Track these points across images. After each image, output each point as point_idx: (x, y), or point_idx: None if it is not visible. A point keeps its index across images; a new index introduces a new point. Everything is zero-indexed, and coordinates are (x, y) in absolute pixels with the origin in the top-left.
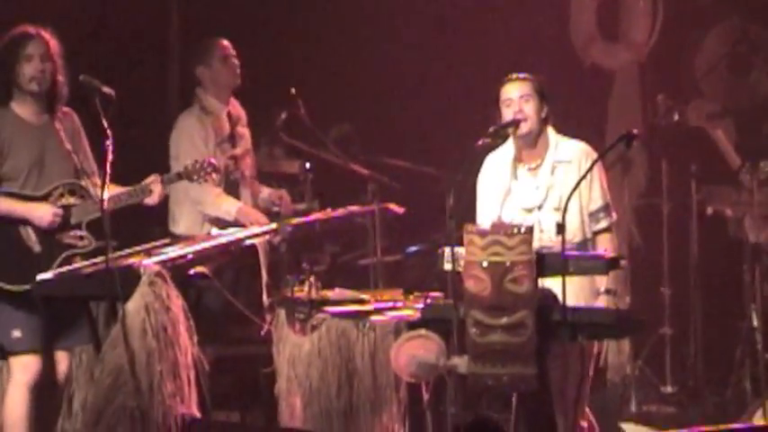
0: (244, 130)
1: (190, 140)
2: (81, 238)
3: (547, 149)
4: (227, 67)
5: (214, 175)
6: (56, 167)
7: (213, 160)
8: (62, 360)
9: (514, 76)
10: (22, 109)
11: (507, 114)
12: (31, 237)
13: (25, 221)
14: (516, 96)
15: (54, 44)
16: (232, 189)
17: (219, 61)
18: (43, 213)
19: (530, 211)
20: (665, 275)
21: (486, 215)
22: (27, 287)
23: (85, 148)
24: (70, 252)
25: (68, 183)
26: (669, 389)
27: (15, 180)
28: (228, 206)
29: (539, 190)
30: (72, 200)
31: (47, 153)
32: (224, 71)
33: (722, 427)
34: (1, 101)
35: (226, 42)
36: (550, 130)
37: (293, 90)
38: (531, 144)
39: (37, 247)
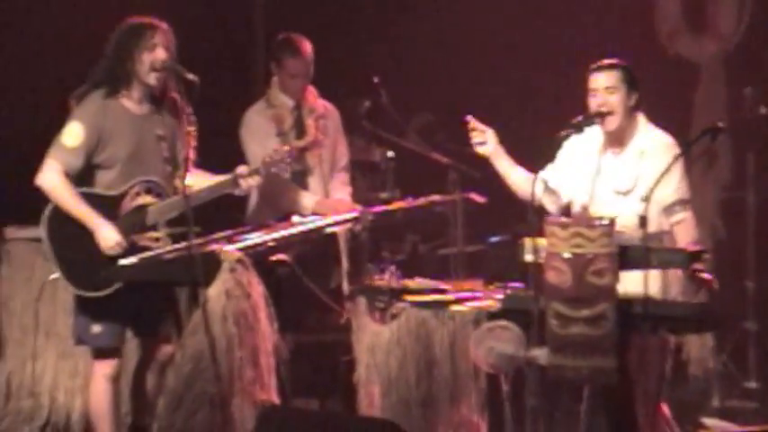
0: (315, 123)
1: (251, 135)
2: (156, 239)
3: (633, 135)
4: (292, 84)
5: (293, 165)
6: (152, 159)
7: (289, 149)
8: (157, 346)
9: (603, 63)
10: (129, 99)
11: (593, 104)
12: None
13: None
14: (602, 87)
15: (172, 36)
16: (297, 181)
17: (286, 75)
18: (107, 237)
19: (623, 194)
20: (750, 269)
21: (575, 189)
22: (103, 293)
23: (183, 139)
24: (145, 255)
25: (145, 180)
26: (753, 384)
27: (111, 168)
28: (306, 201)
29: (628, 175)
30: (149, 198)
31: (143, 144)
32: (289, 84)
33: None
34: (113, 92)
35: (299, 59)
36: (641, 117)
37: (376, 79)
38: (619, 133)
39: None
